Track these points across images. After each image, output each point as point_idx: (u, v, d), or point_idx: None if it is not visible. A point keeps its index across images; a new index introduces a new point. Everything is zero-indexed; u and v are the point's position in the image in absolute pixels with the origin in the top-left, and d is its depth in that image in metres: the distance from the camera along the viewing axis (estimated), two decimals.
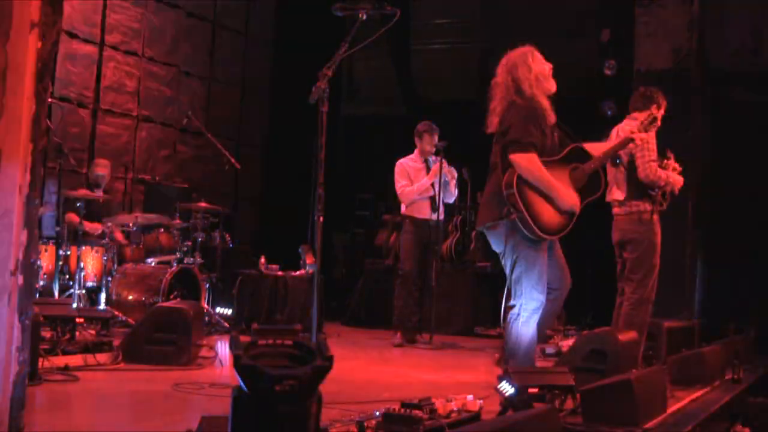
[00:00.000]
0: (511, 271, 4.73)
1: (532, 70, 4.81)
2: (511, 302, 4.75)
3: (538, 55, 4.90)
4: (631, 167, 5.61)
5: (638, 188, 5.63)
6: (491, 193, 4.82)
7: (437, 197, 7.56)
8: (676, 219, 6.58)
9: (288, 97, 11.40)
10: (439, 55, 13.25)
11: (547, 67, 4.90)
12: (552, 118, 4.81)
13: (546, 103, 4.79)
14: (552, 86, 4.88)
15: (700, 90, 8.71)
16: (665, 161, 5.72)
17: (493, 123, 4.85)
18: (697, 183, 8.40)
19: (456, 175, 7.71)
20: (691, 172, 7.71)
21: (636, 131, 5.20)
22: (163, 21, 10.16)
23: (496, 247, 4.81)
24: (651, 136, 5.61)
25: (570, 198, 4.69)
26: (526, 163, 4.59)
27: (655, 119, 5.35)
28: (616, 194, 5.76)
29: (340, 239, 12.32)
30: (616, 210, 5.80)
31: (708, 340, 6.78)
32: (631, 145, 5.34)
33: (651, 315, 5.74)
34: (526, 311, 4.70)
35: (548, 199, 4.65)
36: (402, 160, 7.76)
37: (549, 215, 4.66)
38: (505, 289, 4.87)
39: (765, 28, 9.38)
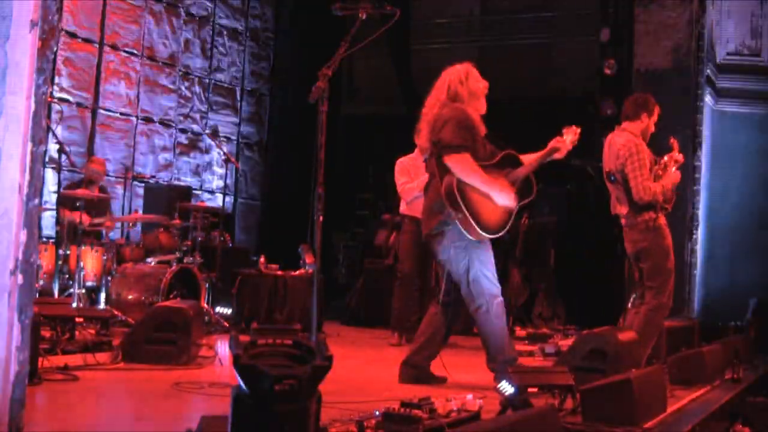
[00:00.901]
0: (466, 274, 4.85)
1: (464, 85, 4.96)
2: (477, 303, 4.87)
3: (474, 73, 5.04)
4: (628, 184, 5.56)
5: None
6: (432, 202, 4.98)
7: None
8: (676, 220, 6.59)
9: (288, 97, 11.42)
10: (438, 55, 13.25)
11: (481, 85, 5.03)
12: (482, 129, 4.96)
13: (477, 117, 4.95)
14: (482, 107, 5.03)
15: (699, 89, 8.70)
16: (664, 157, 5.69)
17: (423, 133, 5.04)
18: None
19: None
20: (690, 171, 7.74)
21: (561, 140, 5.09)
22: (162, 21, 10.16)
23: (441, 254, 4.94)
24: (642, 149, 5.55)
25: (506, 191, 4.82)
26: (460, 163, 4.75)
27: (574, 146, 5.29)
28: (620, 209, 5.71)
29: (340, 239, 12.33)
30: (623, 222, 5.77)
31: (708, 339, 6.79)
32: (619, 162, 5.41)
33: (664, 318, 5.74)
34: (493, 305, 4.85)
35: (487, 198, 4.78)
36: (402, 159, 7.77)
37: (488, 214, 4.79)
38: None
39: (764, 27, 9.38)
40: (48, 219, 8.12)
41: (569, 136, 5.11)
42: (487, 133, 5.00)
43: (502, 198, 4.79)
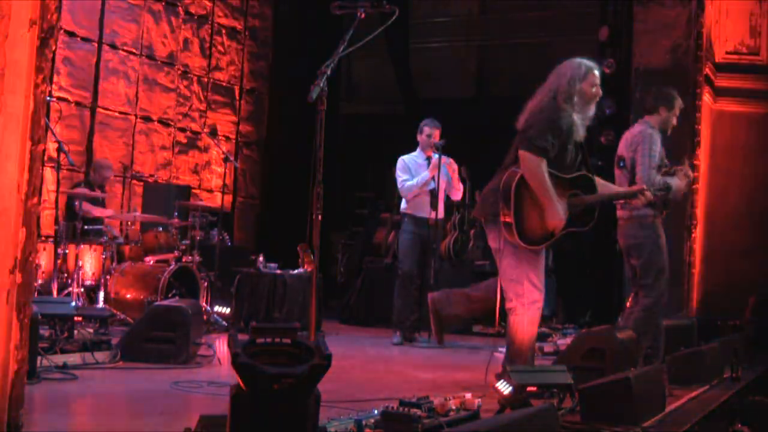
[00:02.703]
0: (511, 271, 4.72)
1: (575, 87, 4.78)
2: (513, 302, 4.73)
3: (592, 77, 4.85)
4: (634, 171, 5.61)
5: None
6: (493, 187, 4.79)
7: (437, 193, 7.56)
8: (675, 219, 6.60)
9: (287, 96, 11.41)
10: (437, 54, 13.26)
11: (594, 91, 4.84)
12: (580, 134, 4.78)
13: (577, 120, 4.76)
14: (590, 111, 4.84)
15: (698, 88, 8.70)
16: (675, 168, 5.72)
17: (520, 121, 4.83)
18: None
19: (456, 168, 7.71)
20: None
21: (646, 190, 5.20)
22: (161, 19, 10.16)
23: (492, 242, 4.81)
24: (657, 141, 5.62)
25: (556, 217, 4.64)
26: (532, 163, 4.58)
27: (669, 188, 5.37)
28: None
29: (339, 238, 12.33)
30: (619, 213, 5.80)
31: (706, 338, 6.79)
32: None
33: (660, 317, 5.75)
34: (530, 309, 4.71)
35: (539, 208, 4.63)
36: (404, 156, 7.78)
37: (533, 224, 4.65)
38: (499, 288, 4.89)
39: (763, 26, 9.38)
40: (47, 218, 8.11)
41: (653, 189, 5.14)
42: (581, 143, 4.84)
43: (549, 216, 4.63)
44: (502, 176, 4.73)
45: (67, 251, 7.12)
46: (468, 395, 3.58)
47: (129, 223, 8.29)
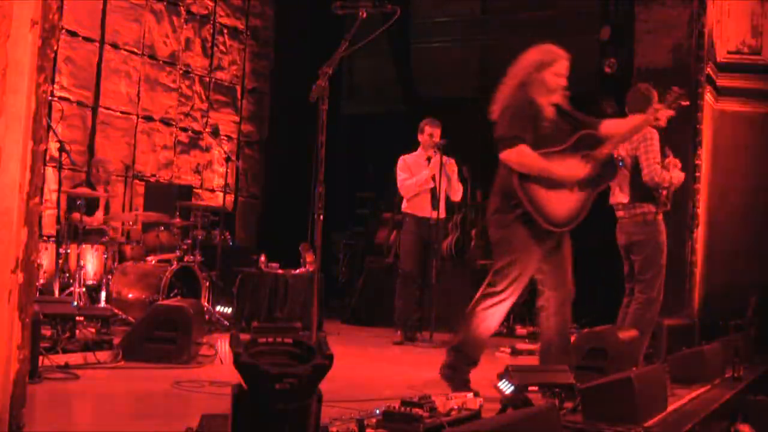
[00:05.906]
0: (500, 260, 4.61)
1: (538, 73, 4.67)
2: (489, 291, 4.59)
3: (559, 66, 4.70)
4: (635, 169, 5.62)
5: (642, 190, 5.63)
6: (498, 184, 4.70)
7: (438, 192, 7.56)
8: (676, 218, 6.61)
9: (288, 96, 11.41)
10: (438, 53, 13.25)
11: (557, 80, 4.71)
12: (548, 112, 4.66)
13: (543, 101, 4.65)
14: (554, 99, 4.72)
15: (699, 87, 8.69)
16: (666, 160, 5.73)
17: (494, 111, 4.74)
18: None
19: (456, 168, 7.72)
20: (690, 169, 7.73)
21: (660, 115, 4.94)
22: (163, 19, 10.16)
23: (495, 233, 4.68)
24: (654, 137, 5.62)
25: (571, 170, 4.54)
26: (516, 157, 4.48)
27: (681, 96, 4.93)
28: (620, 197, 5.76)
29: (340, 237, 12.32)
30: (620, 213, 5.80)
31: (708, 338, 6.79)
32: (634, 145, 5.38)
33: (657, 315, 5.76)
34: (497, 301, 4.59)
35: (553, 189, 4.52)
36: (405, 156, 7.78)
37: (554, 206, 4.53)
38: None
39: (765, 26, 9.37)
40: (49, 217, 8.11)
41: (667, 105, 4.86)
42: (567, 111, 4.72)
43: (567, 179, 4.51)
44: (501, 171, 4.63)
45: (68, 251, 7.12)
46: (470, 395, 3.58)
47: (131, 222, 8.29)
